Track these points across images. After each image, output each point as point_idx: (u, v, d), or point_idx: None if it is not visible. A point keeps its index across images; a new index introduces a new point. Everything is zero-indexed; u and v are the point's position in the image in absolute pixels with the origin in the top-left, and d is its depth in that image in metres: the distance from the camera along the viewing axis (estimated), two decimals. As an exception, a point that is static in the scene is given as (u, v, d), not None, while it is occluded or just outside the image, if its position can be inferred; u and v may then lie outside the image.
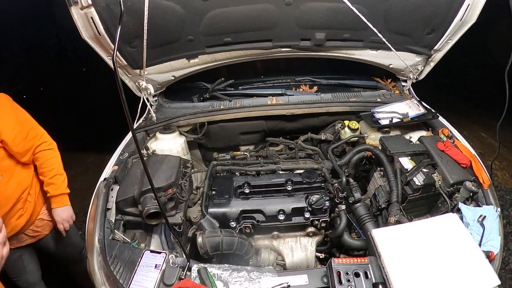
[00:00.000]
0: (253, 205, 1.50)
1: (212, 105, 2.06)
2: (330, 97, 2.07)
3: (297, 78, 2.29)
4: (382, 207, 1.49)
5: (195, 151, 2.26)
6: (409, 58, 1.96)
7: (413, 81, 2.16)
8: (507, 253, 2.52)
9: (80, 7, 1.47)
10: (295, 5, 1.65)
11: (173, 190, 1.41)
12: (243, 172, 1.80)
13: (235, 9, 1.65)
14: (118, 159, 1.68)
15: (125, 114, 0.85)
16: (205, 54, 1.90)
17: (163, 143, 1.88)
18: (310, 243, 1.53)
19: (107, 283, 1.20)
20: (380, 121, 1.84)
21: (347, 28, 1.81)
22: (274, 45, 1.88)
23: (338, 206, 1.53)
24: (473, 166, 1.47)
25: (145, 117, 2.06)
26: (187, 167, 1.70)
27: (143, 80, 1.89)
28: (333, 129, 2.10)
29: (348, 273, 1.09)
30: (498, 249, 1.20)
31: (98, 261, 1.25)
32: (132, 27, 1.58)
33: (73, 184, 1.57)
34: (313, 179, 1.58)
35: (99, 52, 1.70)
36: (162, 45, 1.77)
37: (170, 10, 1.59)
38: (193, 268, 1.16)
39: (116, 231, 1.37)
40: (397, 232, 1.17)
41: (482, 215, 1.26)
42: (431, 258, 1.07)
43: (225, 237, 1.33)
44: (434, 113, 1.84)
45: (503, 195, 3.03)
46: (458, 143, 1.63)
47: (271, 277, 1.14)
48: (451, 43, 1.84)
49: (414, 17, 1.70)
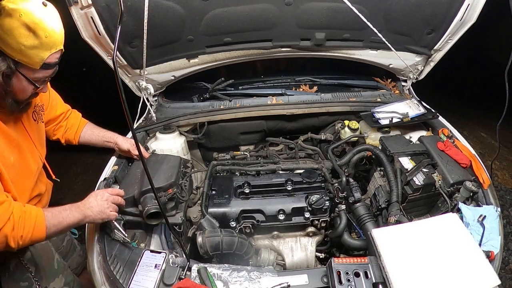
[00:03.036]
0: (253, 205, 1.50)
1: (212, 105, 2.06)
2: (330, 97, 2.07)
3: (297, 78, 2.29)
4: (382, 207, 1.48)
5: (195, 151, 2.26)
6: (409, 58, 1.96)
7: (413, 81, 2.16)
8: (507, 253, 2.52)
9: (80, 7, 1.47)
10: (295, 5, 1.65)
11: (173, 190, 1.41)
12: (243, 172, 1.80)
13: (235, 9, 1.65)
14: (118, 159, 1.68)
15: (125, 114, 0.85)
16: (205, 54, 1.90)
17: (163, 143, 1.88)
18: (310, 243, 1.53)
19: (107, 283, 1.20)
20: (380, 121, 1.84)
21: (347, 28, 1.81)
22: (274, 45, 1.88)
23: (338, 206, 1.53)
24: (473, 166, 1.47)
25: (145, 117, 2.06)
26: (187, 167, 1.70)
27: (143, 80, 1.89)
28: (333, 129, 2.10)
29: (348, 273, 1.09)
30: (498, 249, 1.20)
31: (98, 261, 1.25)
32: (132, 27, 1.58)
33: (73, 184, 1.57)
34: (313, 179, 1.58)
35: (99, 52, 1.70)
36: (162, 45, 1.77)
37: (170, 10, 1.59)
38: (193, 268, 1.16)
39: (116, 231, 1.37)
40: (397, 232, 1.17)
41: (482, 215, 1.26)
42: (431, 258, 1.07)
43: (225, 237, 1.33)
44: (434, 113, 1.84)
45: (503, 195, 3.03)
46: (458, 143, 1.63)
47: (271, 277, 1.14)
48: (451, 43, 1.84)
49: (414, 17, 1.70)
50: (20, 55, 0.99)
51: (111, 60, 1.75)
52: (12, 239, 1.01)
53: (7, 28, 0.94)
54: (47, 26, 1.00)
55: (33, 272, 1.37)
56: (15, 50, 0.98)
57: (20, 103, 1.13)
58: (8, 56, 0.98)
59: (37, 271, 1.39)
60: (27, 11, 0.96)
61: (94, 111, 2.38)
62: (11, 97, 1.08)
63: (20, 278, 1.35)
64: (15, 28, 0.95)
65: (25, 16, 0.95)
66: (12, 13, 0.94)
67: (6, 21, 0.94)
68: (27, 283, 1.36)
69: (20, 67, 1.02)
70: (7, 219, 1.00)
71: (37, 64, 1.03)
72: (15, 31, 0.95)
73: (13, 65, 1.00)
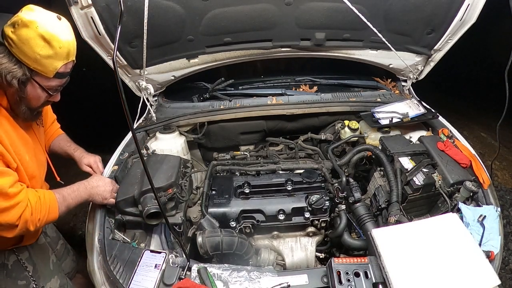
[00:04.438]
0: (253, 205, 1.50)
1: (212, 105, 2.06)
2: (330, 97, 2.07)
3: (297, 78, 2.29)
4: (382, 207, 1.48)
5: (195, 151, 2.26)
6: (409, 58, 1.96)
7: (413, 81, 2.16)
8: (507, 253, 2.51)
9: (80, 7, 1.47)
10: (295, 5, 1.65)
11: (173, 190, 1.40)
12: (243, 172, 1.80)
13: (235, 9, 1.65)
14: (118, 159, 1.68)
15: (125, 114, 0.85)
16: (205, 54, 1.90)
17: (163, 143, 1.88)
18: (310, 243, 1.53)
19: (107, 283, 1.20)
20: (380, 121, 1.84)
21: (347, 28, 1.81)
22: (274, 45, 1.88)
23: (338, 206, 1.53)
24: (473, 166, 1.47)
25: (145, 117, 2.06)
26: (187, 167, 1.70)
27: (143, 80, 1.89)
28: (333, 129, 2.10)
29: (348, 273, 1.09)
30: (498, 249, 1.20)
31: (98, 261, 1.25)
32: (132, 27, 1.58)
33: (73, 184, 1.58)
34: (313, 179, 1.58)
35: (99, 52, 1.70)
36: (162, 45, 1.77)
37: (170, 10, 1.59)
38: (193, 268, 1.16)
39: (116, 231, 1.37)
40: (397, 232, 1.17)
41: (482, 215, 1.26)
42: (431, 258, 1.07)
43: (225, 237, 1.33)
44: (434, 113, 1.84)
45: (503, 195, 3.03)
46: (458, 143, 1.63)
47: (271, 277, 1.14)
48: (451, 43, 1.84)
49: (414, 17, 1.70)
50: (35, 63, 1.05)
51: (111, 60, 1.75)
52: (31, 223, 1.11)
53: (24, 38, 1.01)
54: (61, 38, 1.06)
55: (31, 271, 1.40)
56: (31, 59, 1.04)
57: (33, 110, 1.20)
58: (24, 64, 1.05)
59: (35, 270, 1.42)
60: (44, 24, 1.03)
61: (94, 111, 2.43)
62: (25, 104, 1.15)
63: (18, 277, 1.37)
64: (31, 38, 1.02)
65: (41, 28, 1.02)
66: (29, 24, 1.01)
67: (23, 31, 1.01)
68: (25, 281, 1.39)
69: (34, 75, 1.09)
70: (25, 206, 1.09)
71: (51, 72, 1.10)
72: (31, 41, 1.02)
73: (28, 73, 1.07)
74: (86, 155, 1.55)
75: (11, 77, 1.04)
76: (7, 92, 1.12)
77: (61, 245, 1.73)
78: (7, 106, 1.15)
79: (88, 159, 1.54)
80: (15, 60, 1.04)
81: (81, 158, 1.54)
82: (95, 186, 1.33)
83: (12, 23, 1.02)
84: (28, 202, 1.10)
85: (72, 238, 1.98)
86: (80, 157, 1.54)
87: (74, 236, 2.51)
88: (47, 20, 1.05)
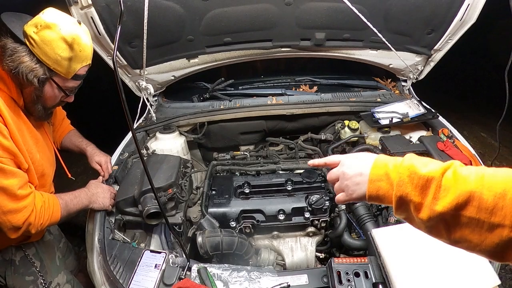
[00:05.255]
0: (253, 205, 1.50)
1: (212, 105, 2.06)
2: (330, 97, 2.07)
3: (297, 78, 2.29)
4: (382, 207, 1.48)
5: (195, 151, 2.26)
6: (409, 58, 1.96)
7: (413, 81, 2.16)
8: (507, 253, 2.51)
9: (80, 7, 1.47)
10: (295, 5, 1.65)
11: (173, 190, 1.40)
12: (243, 172, 1.80)
13: (235, 9, 1.65)
14: (118, 159, 1.69)
15: (125, 114, 0.85)
16: (205, 54, 1.90)
17: (163, 143, 1.88)
18: (310, 243, 1.53)
19: (107, 283, 1.20)
20: (380, 121, 1.84)
21: (347, 28, 1.81)
22: (274, 45, 1.88)
23: (338, 206, 1.53)
24: (473, 166, 1.46)
25: (145, 117, 2.06)
26: (187, 167, 1.70)
27: (143, 80, 1.89)
28: (333, 129, 2.10)
29: (348, 273, 1.09)
30: (498, 249, 1.19)
31: (98, 261, 1.25)
32: (132, 27, 1.58)
33: (73, 184, 1.57)
34: (313, 179, 1.58)
35: (99, 52, 1.70)
36: (162, 45, 1.77)
37: (170, 10, 1.59)
38: (193, 268, 1.16)
39: (116, 231, 1.37)
40: (397, 232, 1.17)
41: (482, 215, 1.25)
42: (431, 258, 1.07)
43: (225, 237, 1.33)
44: (434, 113, 1.84)
45: (503, 195, 3.02)
46: (458, 143, 1.63)
47: (271, 277, 1.14)
48: (451, 43, 1.84)
49: (414, 17, 1.70)
50: (55, 64, 1.09)
51: (111, 60, 1.75)
52: (33, 227, 1.13)
53: (47, 39, 1.05)
54: (82, 41, 1.11)
55: (38, 267, 1.42)
56: (52, 59, 1.08)
57: (47, 109, 1.24)
58: (45, 64, 1.08)
59: (42, 266, 1.44)
60: (66, 27, 1.07)
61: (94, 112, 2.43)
62: (41, 103, 1.19)
63: (25, 272, 1.39)
64: (54, 40, 1.06)
65: (64, 31, 1.06)
66: (52, 27, 1.05)
67: (46, 32, 1.05)
68: (32, 277, 1.41)
69: (53, 75, 1.13)
70: (31, 210, 1.11)
71: (70, 74, 1.14)
72: (53, 43, 1.06)
73: (48, 73, 1.11)
74: (98, 153, 1.58)
75: (32, 76, 1.07)
76: (24, 91, 1.14)
77: (64, 243, 1.74)
78: (22, 105, 1.17)
79: (100, 157, 1.56)
80: (35, 59, 1.07)
81: (93, 155, 1.56)
82: (95, 193, 1.36)
83: (35, 23, 1.04)
84: (34, 207, 1.12)
85: (72, 238, 1.97)
86: (92, 153, 1.57)
87: (74, 236, 2.50)
88: (69, 24, 1.08)
